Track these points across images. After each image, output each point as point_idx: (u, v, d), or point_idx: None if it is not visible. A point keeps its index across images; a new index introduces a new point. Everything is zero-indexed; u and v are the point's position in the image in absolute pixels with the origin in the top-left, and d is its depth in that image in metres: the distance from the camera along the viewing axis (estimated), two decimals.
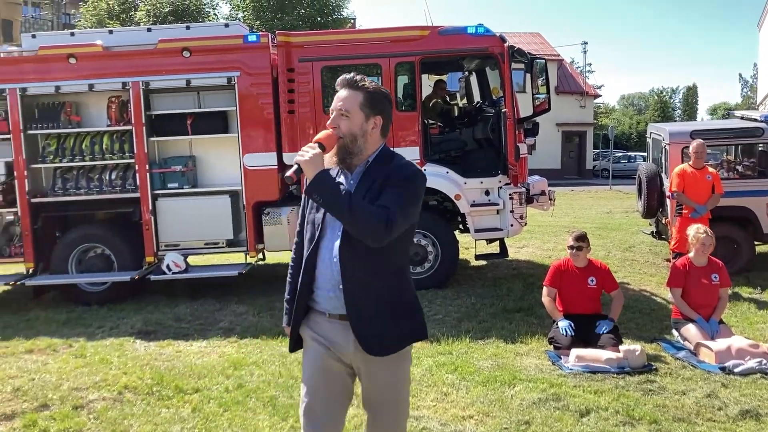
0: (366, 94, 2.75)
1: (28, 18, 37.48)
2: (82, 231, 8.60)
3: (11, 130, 8.20)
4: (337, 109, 2.74)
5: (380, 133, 2.81)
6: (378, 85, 2.86)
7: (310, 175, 2.63)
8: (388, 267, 2.77)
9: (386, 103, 2.82)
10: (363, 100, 2.74)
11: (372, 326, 2.75)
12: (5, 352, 6.30)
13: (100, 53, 8.16)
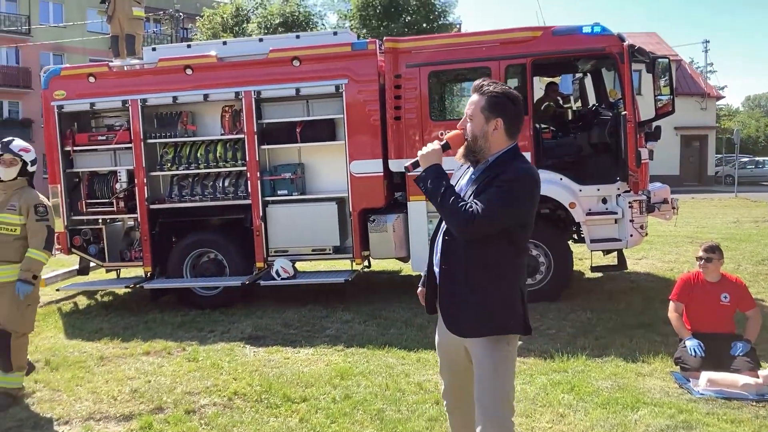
0: (486, 97, 3.00)
1: (150, 33, 39.86)
2: (197, 236, 8.86)
3: (132, 139, 8.57)
4: (465, 112, 3.08)
5: (505, 135, 3.04)
6: (504, 88, 3.06)
7: (423, 167, 3.05)
8: (480, 259, 2.99)
9: (509, 106, 3.02)
10: (484, 104, 3.01)
11: (453, 307, 3.08)
12: (125, 353, 6.54)
13: (214, 64, 8.39)
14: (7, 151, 5.28)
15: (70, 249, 9.01)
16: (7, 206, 5.25)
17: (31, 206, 5.29)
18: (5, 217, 5.22)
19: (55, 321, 8.16)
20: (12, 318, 5.18)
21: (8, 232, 5.23)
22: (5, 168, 5.27)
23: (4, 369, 5.19)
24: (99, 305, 9.19)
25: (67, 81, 8.79)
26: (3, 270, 5.21)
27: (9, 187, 5.31)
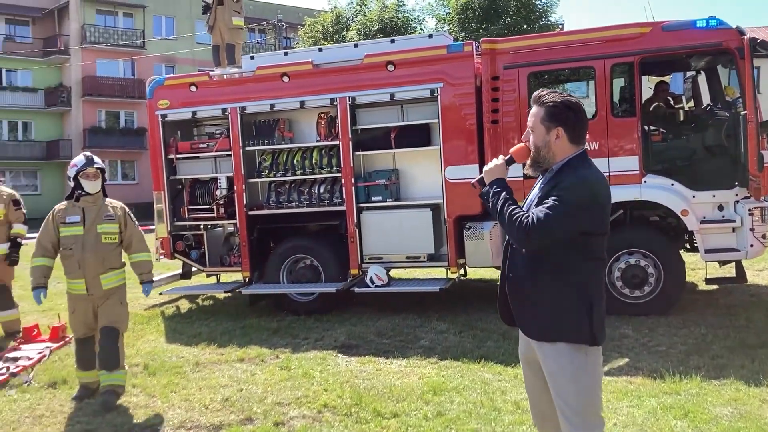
0: (545, 108, 3.03)
1: (254, 43, 41.18)
2: (293, 242, 8.91)
3: (232, 146, 8.73)
4: (527, 124, 3.13)
5: (569, 142, 3.04)
6: (563, 96, 3.06)
7: (487, 183, 3.16)
8: (544, 267, 3.00)
9: (568, 114, 3.02)
10: (543, 115, 3.04)
11: (520, 311, 3.15)
12: (220, 359, 6.61)
13: (310, 71, 8.41)
14: (92, 164, 5.49)
15: (173, 254, 9.28)
16: (103, 217, 5.47)
17: (126, 213, 5.58)
18: (105, 227, 5.46)
19: (158, 324, 8.40)
20: (120, 318, 5.54)
21: (111, 241, 5.48)
22: (92, 181, 5.50)
23: (110, 368, 5.40)
24: (200, 309, 9.41)
25: (170, 91, 9.07)
26: (110, 276, 5.48)
27: (96, 199, 5.55)
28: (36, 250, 5.57)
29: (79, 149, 38.67)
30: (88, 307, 5.46)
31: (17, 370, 6.16)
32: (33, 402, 5.43)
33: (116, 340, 5.48)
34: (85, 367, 5.57)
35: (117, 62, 40.00)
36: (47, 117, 39.99)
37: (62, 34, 39.56)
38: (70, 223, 5.42)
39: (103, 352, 5.40)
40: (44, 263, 5.53)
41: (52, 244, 5.49)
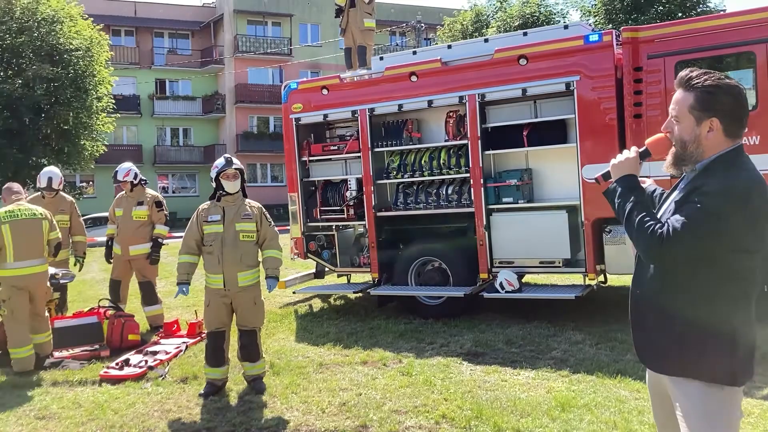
0: (697, 94, 2.45)
1: (393, 46, 41.65)
2: (421, 244, 8.75)
3: (361, 148, 8.72)
4: (670, 112, 2.57)
5: (723, 136, 2.47)
6: (719, 78, 2.47)
7: (614, 179, 2.63)
8: (676, 286, 2.47)
9: (726, 100, 2.43)
10: (693, 102, 2.47)
11: (643, 337, 2.64)
12: (343, 361, 6.57)
13: (438, 69, 8.21)
14: (231, 165, 5.71)
15: (306, 254, 9.44)
16: (242, 216, 5.67)
17: (262, 213, 5.79)
18: (243, 225, 5.67)
19: (289, 323, 8.55)
20: (257, 319, 5.82)
21: (248, 239, 5.69)
22: (232, 181, 5.72)
23: (253, 359, 5.74)
24: (331, 309, 9.50)
25: (303, 94, 9.23)
26: (246, 274, 5.69)
27: (236, 198, 5.77)
28: (182, 247, 5.88)
29: (232, 153, 41.04)
30: (223, 302, 5.70)
31: (155, 364, 6.45)
32: (164, 396, 5.65)
33: (256, 338, 5.82)
34: (213, 363, 5.76)
35: (266, 70, 42.01)
36: (204, 123, 42.84)
37: (217, 45, 42.19)
38: (212, 222, 5.69)
39: (245, 349, 5.78)
40: (188, 260, 5.83)
41: (196, 242, 5.77)
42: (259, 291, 5.89)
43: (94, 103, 26.23)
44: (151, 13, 41.60)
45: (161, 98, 41.96)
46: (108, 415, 5.19)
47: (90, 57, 25.77)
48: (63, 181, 8.71)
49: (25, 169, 24.17)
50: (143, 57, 41.26)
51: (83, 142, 26.46)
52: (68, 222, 8.61)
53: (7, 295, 6.42)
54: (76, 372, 6.39)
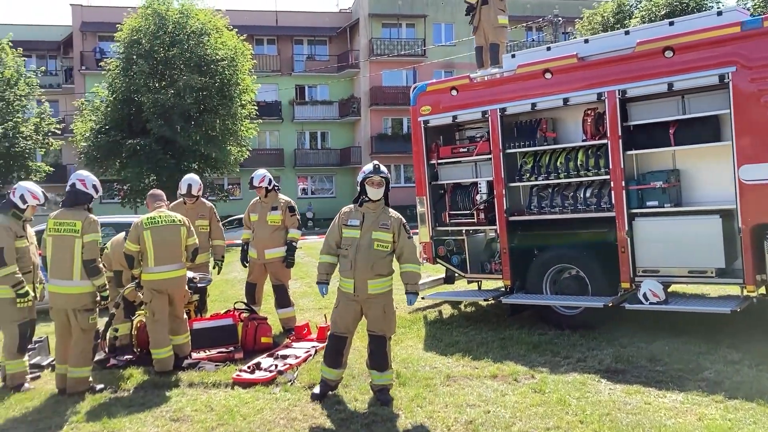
0: None
1: (528, 42, 40.50)
2: (557, 251, 8.29)
3: (492, 149, 8.41)
4: None
5: None
6: None
7: None
8: None
9: None
10: None
11: None
12: (472, 374, 6.31)
13: (574, 65, 7.73)
14: (378, 173, 5.67)
15: (435, 259, 9.26)
16: (379, 225, 5.64)
17: (401, 225, 5.72)
18: (379, 234, 5.63)
19: (418, 330, 8.40)
20: (387, 327, 5.73)
21: (382, 248, 5.63)
22: (376, 189, 5.69)
23: (382, 369, 5.66)
24: (461, 316, 9.25)
25: (432, 96, 9.05)
26: (377, 282, 5.64)
27: (377, 206, 5.73)
28: (323, 247, 5.93)
29: (367, 155, 41.82)
30: (352, 307, 5.71)
31: (284, 368, 6.52)
32: (291, 402, 5.67)
33: (385, 346, 5.72)
34: (330, 363, 5.78)
35: (400, 72, 42.35)
36: (341, 126, 43.96)
37: (353, 49, 43.12)
38: (351, 226, 5.71)
39: (374, 357, 5.71)
40: (328, 260, 5.88)
41: (336, 243, 5.81)
42: (390, 300, 5.78)
43: (238, 110, 27.59)
44: (292, 21, 43.25)
45: (301, 103, 43.51)
46: (237, 421, 5.27)
47: (235, 66, 27.13)
48: (202, 187, 9.09)
49: (177, 174, 25.89)
50: (284, 64, 42.97)
51: (229, 148, 27.91)
52: (208, 227, 8.97)
53: (148, 297, 6.75)
54: (210, 374, 6.59)
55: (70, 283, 6.18)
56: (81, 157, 28.84)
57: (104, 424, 5.32)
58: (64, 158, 39.35)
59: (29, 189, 6.70)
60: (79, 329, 6.22)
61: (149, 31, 26.43)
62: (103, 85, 28.03)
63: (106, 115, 27.20)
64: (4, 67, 29.14)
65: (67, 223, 6.22)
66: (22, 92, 29.62)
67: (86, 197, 6.36)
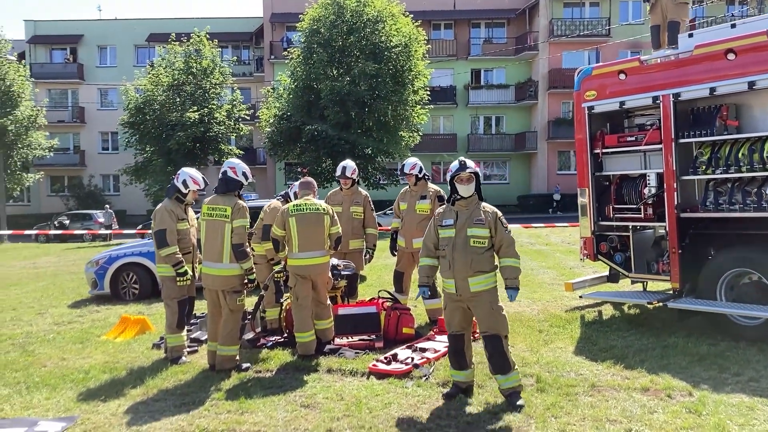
0: None
1: (728, 17, 36.64)
2: (736, 253, 7.36)
3: (663, 139, 7.63)
4: None
5: None
6: None
7: None
8: None
9: None
10: None
11: None
12: (620, 385, 5.76)
13: (764, 43, 6.74)
14: (465, 169, 5.52)
15: (596, 255, 8.63)
16: (474, 221, 5.46)
17: (497, 218, 5.49)
18: (475, 231, 5.44)
19: (572, 330, 7.90)
20: (497, 324, 5.46)
21: (479, 244, 5.44)
22: (465, 185, 5.53)
23: (504, 371, 5.41)
24: (622, 318, 8.56)
25: (597, 80, 8.39)
26: (478, 279, 5.43)
27: (469, 202, 5.56)
28: (422, 250, 5.81)
29: (543, 141, 40.60)
30: (458, 307, 5.55)
31: (420, 362, 6.40)
32: (420, 399, 5.53)
33: (501, 346, 5.46)
34: (455, 365, 5.63)
35: (582, 53, 40.36)
36: (516, 111, 42.93)
37: (532, 31, 41.80)
38: (445, 226, 5.56)
39: (493, 359, 5.48)
40: (428, 263, 5.75)
41: (434, 244, 5.68)
42: (495, 296, 5.50)
43: (411, 96, 27.86)
44: (469, 4, 42.81)
45: (476, 88, 43.08)
46: (362, 413, 5.23)
47: (408, 52, 27.38)
48: (357, 171, 9.20)
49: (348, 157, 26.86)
50: (460, 48, 42.73)
51: (401, 133, 28.32)
52: (362, 214, 9.06)
53: (293, 282, 6.94)
54: (349, 361, 6.64)
55: (220, 266, 6.51)
56: (266, 142, 30.81)
57: (240, 404, 5.53)
58: (254, 142, 42.26)
59: (191, 175, 7.15)
60: (227, 309, 6.55)
61: (328, 20, 27.44)
62: (287, 73, 29.62)
63: (288, 102, 28.74)
64: (201, 58, 31.81)
65: (218, 208, 6.55)
66: (217, 81, 32.24)
67: (237, 184, 6.66)
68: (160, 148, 31.05)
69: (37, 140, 34.46)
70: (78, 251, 24.86)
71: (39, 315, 10.33)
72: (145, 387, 6.13)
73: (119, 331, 8.44)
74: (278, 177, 40.76)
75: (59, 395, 6.02)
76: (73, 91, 46.45)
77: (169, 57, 32.35)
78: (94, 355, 7.45)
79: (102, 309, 10.52)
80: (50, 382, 6.39)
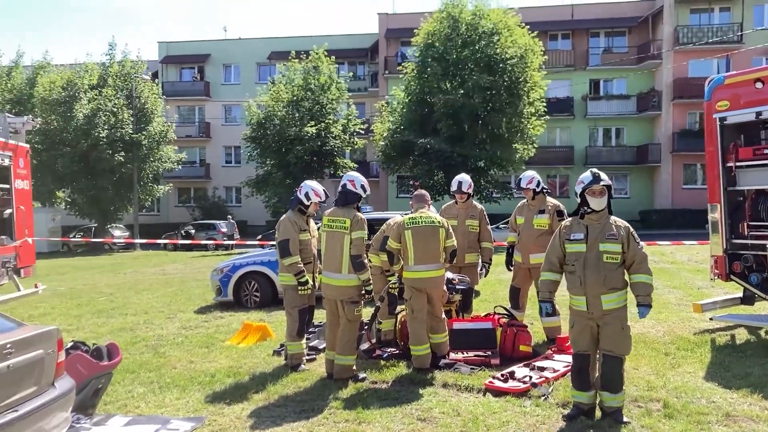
0: None
1: None
2: None
3: None
4: None
5: None
6: None
7: None
8: None
9: None
10: None
11: None
12: (759, 416, 5.32)
13: None
14: (599, 181, 5.33)
15: (728, 275, 8.11)
16: (606, 236, 5.30)
17: (629, 234, 5.33)
18: (608, 246, 5.28)
19: (702, 355, 7.42)
20: (622, 345, 5.32)
21: (612, 260, 5.27)
22: (598, 198, 5.35)
23: (614, 390, 5.28)
24: (759, 344, 7.95)
25: (730, 89, 7.93)
26: (611, 297, 5.27)
27: (601, 216, 5.39)
28: (544, 264, 5.66)
29: (667, 153, 38.73)
30: (587, 325, 5.36)
31: (539, 381, 6.22)
32: (539, 420, 5.37)
33: (620, 366, 5.33)
34: (578, 386, 5.44)
35: (710, 61, 38.23)
36: (638, 122, 41.22)
37: (655, 39, 40.07)
38: (574, 240, 5.40)
39: (607, 377, 5.34)
40: (551, 278, 5.62)
41: (558, 259, 5.53)
42: (626, 315, 5.31)
43: (526, 107, 27.43)
44: (588, 13, 41.68)
45: (594, 98, 41.79)
46: (480, 431, 5.15)
47: (524, 64, 27.00)
48: (472, 186, 9.12)
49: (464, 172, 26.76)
50: (578, 58, 41.62)
51: (515, 146, 27.91)
52: (477, 227, 8.97)
53: (408, 294, 6.97)
54: (465, 376, 6.56)
55: (339, 276, 6.65)
56: (379, 155, 31.29)
57: (358, 414, 5.59)
58: (367, 155, 43.01)
59: (313, 187, 7.36)
60: (345, 319, 6.66)
61: (443, 34, 27.55)
62: (401, 87, 29.99)
63: (402, 116, 29.06)
64: (319, 74, 32.84)
65: (338, 220, 6.70)
66: (334, 96, 33.11)
67: (355, 197, 6.78)
68: (279, 161, 32.27)
69: (167, 154, 36.82)
70: (203, 259, 26.21)
71: (168, 319, 10.95)
72: (267, 392, 6.34)
73: (242, 337, 8.79)
74: (390, 189, 41.24)
75: (188, 396, 6.34)
76: (199, 108, 49.18)
77: (289, 74, 33.63)
78: (219, 359, 7.80)
79: (225, 315, 11.00)
80: (180, 383, 6.75)
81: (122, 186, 35.54)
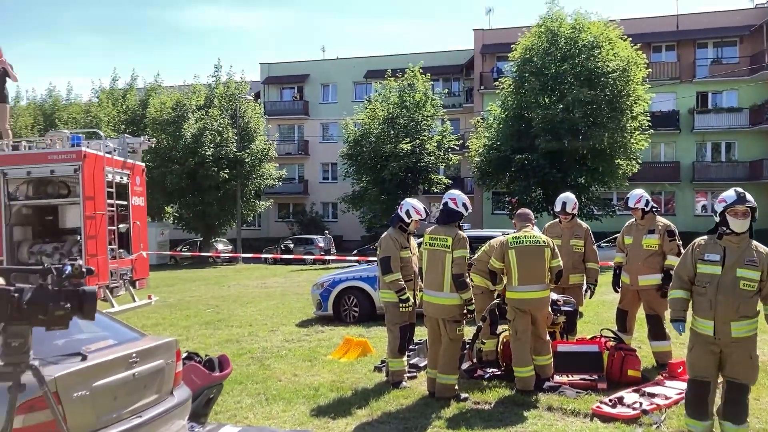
0: None
1: None
2: None
3: None
4: None
5: None
6: None
7: None
8: None
9: None
10: None
11: None
12: None
13: None
14: (744, 202, 4.92)
15: None
16: (745, 261, 4.92)
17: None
18: (746, 272, 4.90)
19: None
20: (749, 374, 4.99)
21: (749, 288, 4.89)
22: (740, 220, 4.94)
23: (737, 422, 4.97)
24: None
25: None
26: (741, 325, 4.91)
27: (741, 239, 4.99)
28: (674, 281, 5.32)
29: None
30: (710, 351, 5.00)
31: (650, 408, 5.96)
32: None
33: (745, 395, 5.00)
34: (693, 414, 5.09)
35: None
36: (751, 136, 38.99)
37: None
38: (709, 261, 5.03)
39: (731, 406, 5.01)
40: (681, 296, 5.22)
41: (689, 277, 5.17)
42: (754, 344, 4.96)
43: (629, 122, 26.57)
44: (694, 23, 39.95)
45: (702, 112, 39.92)
46: None
47: (627, 77, 26.20)
48: (577, 205, 8.89)
49: (562, 189, 26.17)
50: (684, 70, 39.92)
51: (617, 161, 27.05)
52: (582, 247, 8.73)
53: (511, 315, 6.86)
54: (570, 400, 6.38)
55: (441, 295, 6.63)
56: (475, 171, 31.11)
57: None
58: (462, 171, 42.86)
59: (413, 205, 7.40)
60: (447, 338, 6.63)
61: (541, 48, 27.18)
62: (497, 103, 29.77)
63: (498, 131, 28.83)
64: (414, 92, 33.16)
65: (440, 238, 6.69)
66: (428, 113, 33.33)
67: (457, 215, 6.76)
68: (374, 178, 32.76)
69: (268, 171, 38.14)
70: (301, 273, 26.83)
71: (271, 332, 11.26)
72: (370, 408, 6.39)
73: (343, 352, 8.92)
74: (485, 206, 40.85)
75: (294, 409, 6.49)
76: (299, 126, 50.67)
77: (385, 92, 34.15)
78: (321, 373, 7.94)
79: (326, 329, 11.20)
80: (285, 396, 6.92)
81: (226, 201, 37.06)
